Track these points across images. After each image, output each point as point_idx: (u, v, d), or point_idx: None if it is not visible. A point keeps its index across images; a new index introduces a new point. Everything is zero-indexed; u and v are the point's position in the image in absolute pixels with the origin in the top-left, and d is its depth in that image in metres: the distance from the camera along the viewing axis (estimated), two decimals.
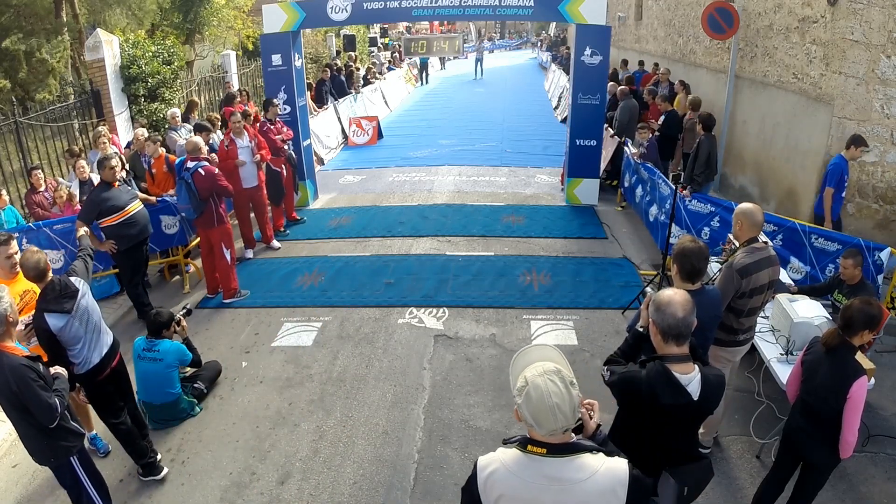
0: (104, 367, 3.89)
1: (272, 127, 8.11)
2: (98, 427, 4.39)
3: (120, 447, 4.45)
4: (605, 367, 2.68)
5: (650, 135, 8.50)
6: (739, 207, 3.79)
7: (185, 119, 8.94)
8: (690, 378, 2.41)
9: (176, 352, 4.67)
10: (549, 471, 1.85)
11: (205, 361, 5.16)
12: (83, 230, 4.83)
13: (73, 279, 3.76)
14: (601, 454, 1.91)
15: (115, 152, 7.00)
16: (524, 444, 1.90)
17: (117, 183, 5.81)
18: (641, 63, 14.92)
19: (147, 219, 6.03)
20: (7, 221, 6.25)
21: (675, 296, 2.44)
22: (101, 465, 4.29)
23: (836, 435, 3.09)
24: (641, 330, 2.77)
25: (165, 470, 4.20)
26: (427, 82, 25.88)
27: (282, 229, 8.40)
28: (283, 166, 8.20)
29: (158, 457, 4.27)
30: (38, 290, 3.70)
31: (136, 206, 5.86)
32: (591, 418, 2.17)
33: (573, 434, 2.03)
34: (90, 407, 4.22)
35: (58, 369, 3.32)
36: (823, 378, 3.09)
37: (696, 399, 2.40)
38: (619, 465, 1.89)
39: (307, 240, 8.21)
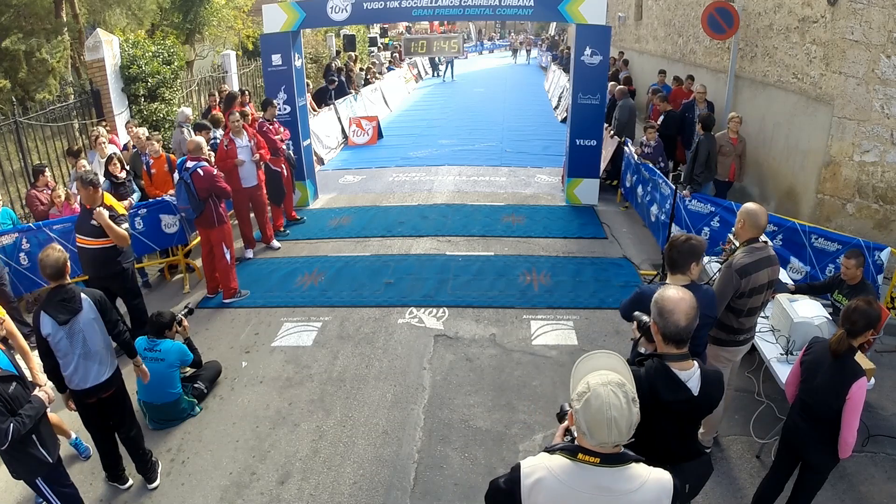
0: (90, 395, 3.81)
1: (271, 127, 8.11)
2: (83, 434, 4.32)
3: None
4: None
5: (657, 134, 8.47)
6: (744, 206, 3.79)
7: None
8: (690, 374, 2.42)
9: (177, 352, 4.67)
10: (600, 480, 1.83)
11: (205, 361, 5.16)
12: None
13: (85, 297, 3.68)
14: (643, 463, 1.90)
15: (115, 153, 7.01)
16: (574, 451, 1.86)
17: (81, 206, 5.21)
18: (663, 73, 12.49)
19: (93, 261, 5.21)
20: (2, 223, 6.25)
21: (680, 302, 2.40)
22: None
23: (835, 435, 3.09)
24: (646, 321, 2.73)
25: (130, 482, 4.15)
26: (441, 77, 26.92)
27: (282, 229, 8.40)
28: (282, 166, 8.21)
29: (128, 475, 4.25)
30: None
31: (82, 243, 5.18)
32: None
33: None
34: (67, 415, 4.19)
35: (37, 393, 3.23)
36: (823, 378, 3.09)
37: (696, 395, 2.41)
38: (664, 475, 1.89)
39: (307, 240, 8.21)
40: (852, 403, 2.99)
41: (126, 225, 5.17)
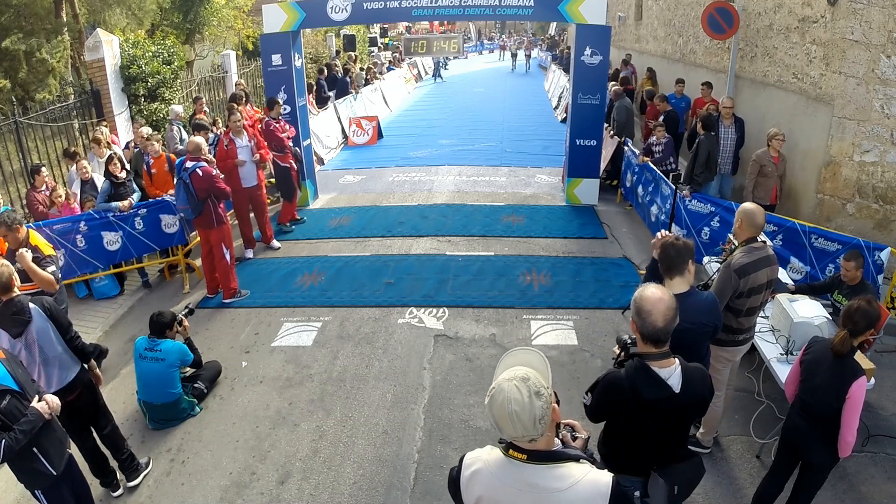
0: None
1: (277, 125, 8.14)
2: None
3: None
4: (586, 393, 2.64)
5: (665, 132, 8.43)
6: (742, 206, 3.81)
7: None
8: (670, 372, 2.42)
9: (178, 352, 4.67)
10: (528, 477, 1.84)
11: (205, 361, 5.16)
12: None
13: (33, 307, 3.66)
14: (587, 464, 1.88)
15: (115, 152, 7.02)
16: (507, 447, 1.88)
17: (8, 249, 4.74)
18: (681, 83, 10.43)
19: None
20: None
21: (658, 303, 2.39)
22: None
23: (834, 434, 3.09)
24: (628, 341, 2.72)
25: (122, 490, 4.11)
26: (441, 78, 26.99)
27: (297, 217, 8.65)
28: (291, 162, 8.27)
29: (119, 477, 4.20)
30: None
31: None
32: (573, 440, 2.15)
33: (559, 441, 2.00)
34: None
35: (35, 405, 3.15)
36: (823, 378, 3.09)
37: (677, 392, 2.40)
38: (602, 478, 1.85)
39: (307, 240, 8.21)
40: (852, 403, 3.00)
41: (53, 268, 4.62)
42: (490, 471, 1.88)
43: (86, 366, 3.98)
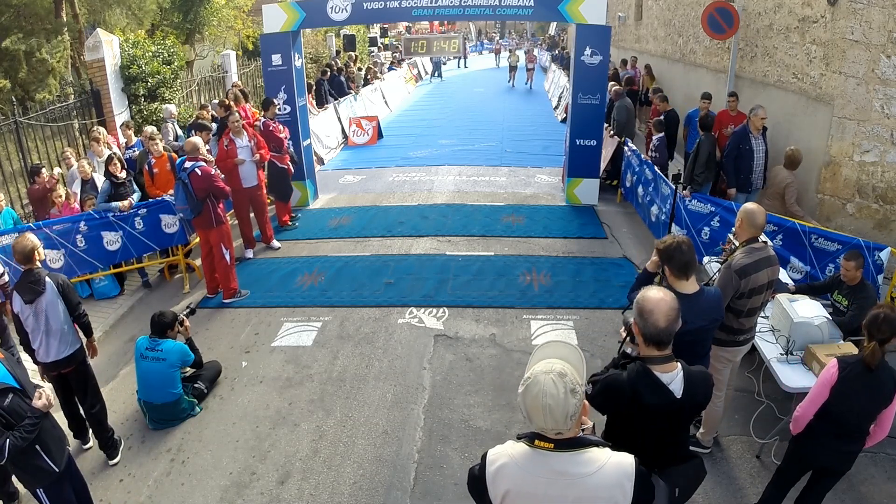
0: (53, 369, 4.19)
1: (275, 126, 8.14)
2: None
3: (123, 448, 4.51)
4: (588, 382, 2.64)
5: (662, 132, 8.39)
6: (743, 206, 3.83)
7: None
8: (672, 377, 2.41)
9: (179, 352, 4.67)
10: (556, 465, 1.87)
11: (205, 361, 5.16)
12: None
13: (49, 281, 4.03)
14: (608, 449, 1.92)
15: (114, 153, 7.01)
16: (532, 438, 1.91)
17: None
18: (707, 99, 8.64)
19: None
20: (4, 223, 6.25)
21: (660, 303, 2.38)
22: (102, 466, 4.31)
23: (863, 443, 3.17)
24: (630, 349, 2.71)
25: (91, 443, 4.48)
26: (438, 78, 27.11)
27: (294, 218, 8.75)
28: (288, 164, 8.28)
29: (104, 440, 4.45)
30: None
31: None
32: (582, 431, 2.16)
33: (580, 429, 2.02)
34: None
35: (35, 402, 3.16)
36: (862, 395, 3.04)
37: (679, 397, 2.40)
38: (625, 460, 1.91)
39: (307, 240, 8.21)
40: (894, 404, 3.05)
41: None
42: (517, 463, 1.91)
43: (85, 340, 4.35)
